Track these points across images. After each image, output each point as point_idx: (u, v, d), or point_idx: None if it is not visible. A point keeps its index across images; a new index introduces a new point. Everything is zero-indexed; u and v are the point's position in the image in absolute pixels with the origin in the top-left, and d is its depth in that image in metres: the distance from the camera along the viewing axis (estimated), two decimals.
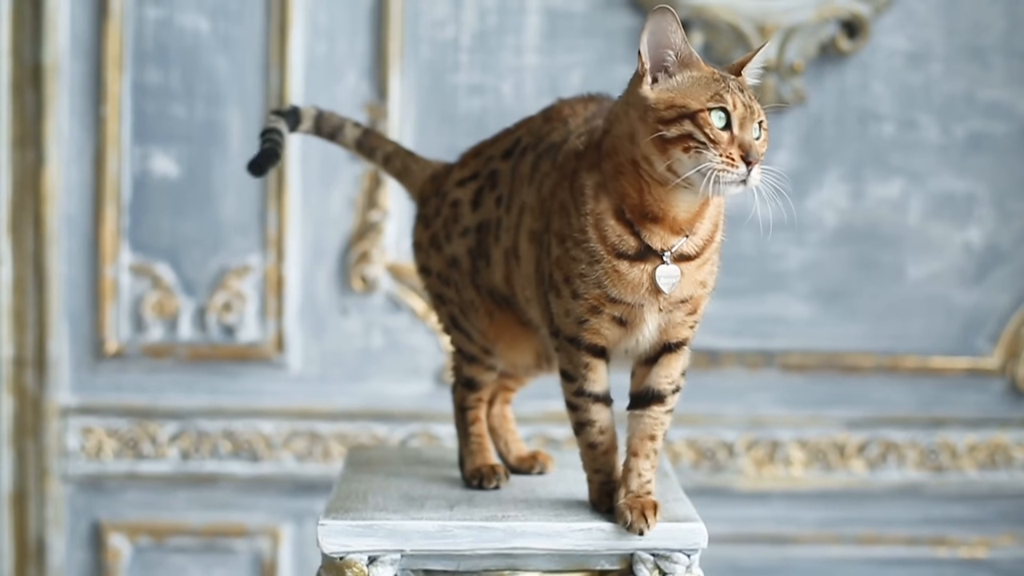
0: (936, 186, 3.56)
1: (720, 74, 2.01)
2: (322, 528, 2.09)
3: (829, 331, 3.57)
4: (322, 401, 3.55)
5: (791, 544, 3.60)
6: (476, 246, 2.27)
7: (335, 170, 3.50)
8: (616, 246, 2.03)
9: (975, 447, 3.60)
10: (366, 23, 3.49)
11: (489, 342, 2.30)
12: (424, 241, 2.36)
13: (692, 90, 1.99)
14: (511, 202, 2.22)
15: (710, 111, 1.97)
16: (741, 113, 1.97)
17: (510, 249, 2.21)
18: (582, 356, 2.11)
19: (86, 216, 3.50)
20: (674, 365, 2.13)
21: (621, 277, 2.03)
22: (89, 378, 3.54)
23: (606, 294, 2.05)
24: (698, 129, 1.96)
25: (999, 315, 3.59)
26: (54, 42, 3.46)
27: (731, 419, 3.58)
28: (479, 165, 2.31)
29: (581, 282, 2.05)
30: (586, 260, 2.04)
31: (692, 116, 1.97)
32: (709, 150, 1.95)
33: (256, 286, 3.53)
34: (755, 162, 1.95)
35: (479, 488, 2.28)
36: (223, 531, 3.55)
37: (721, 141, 1.96)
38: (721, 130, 1.96)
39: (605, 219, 2.04)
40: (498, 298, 2.27)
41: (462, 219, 2.29)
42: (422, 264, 2.37)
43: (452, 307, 2.32)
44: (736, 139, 1.96)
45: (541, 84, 3.49)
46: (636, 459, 2.11)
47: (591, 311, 2.07)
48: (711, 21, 3.45)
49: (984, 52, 3.54)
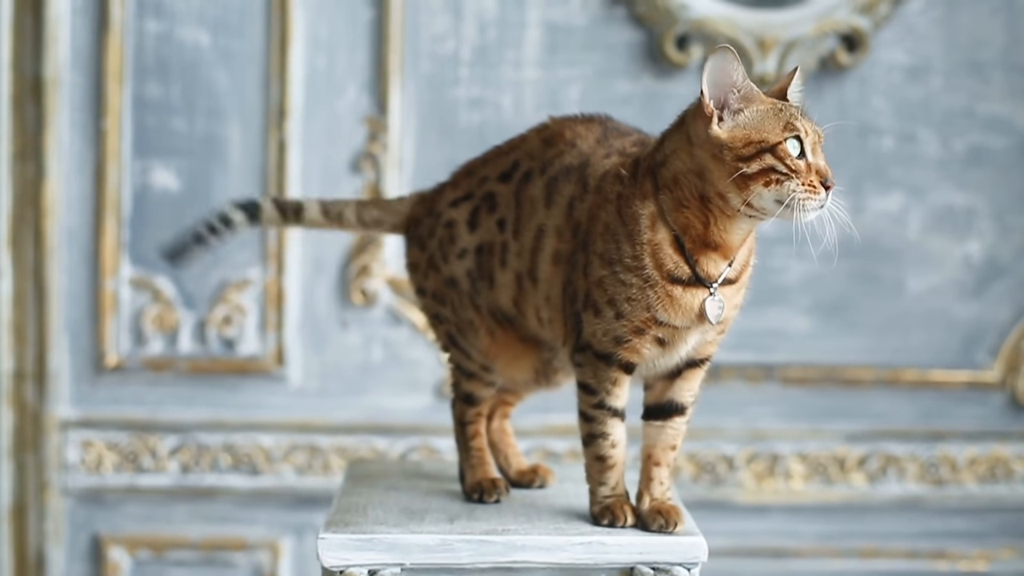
0: (936, 200, 3.57)
1: (782, 104, 2.05)
2: (322, 542, 2.09)
3: (829, 344, 3.57)
4: (322, 414, 3.55)
5: (791, 558, 3.59)
6: (476, 268, 2.28)
7: (335, 184, 3.50)
8: (671, 272, 2.07)
9: (975, 460, 3.60)
10: (366, 37, 3.50)
11: (488, 359, 2.31)
12: (420, 262, 2.36)
13: (765, 124, 2.03)
14: (520, 226, 2.23)
15: (786, 141, 2.01)
16: (812, 139, 2.03)
17: (524, 273, 2.22)
18: (611, 372, 2.13)
19: (86, 229, 3.51)
20: (697, 378, 2.19)
21: (674, 302, 2.07)
22: (89, 391, 3.54)
23: (654, 318, 2.08)
24: (779, 161, 2.01)
25: (999, 328, 3.59)
26: (55, 55, 3.46)
27: (731, 432, 3.58)
28: (472, 185, 2.32)
29: (629, 305, 2.08)
30: (638, 285, 2.07)
31: (772, 149, 2.01)
32: (792, 180, 2.00)
33: (256, 299, 3.53)
34: (832, 186, 2.02)
35: (480, 502, 2.28)
36: (223, 544, 3.55)
37: (800, 170, 2.01)
38: (797, 158, 2.01)
39: (663, 248, 2.07)
40: (500, 317, 2.28)
41: (459, 240, 2.30)
42: (418, 285, 2.38)
43: (449, 326, 2.33)
44: (812, 166, 2.02)
45: (541, 98, 3.50)
46: (659, 468, 2.17)
47: (635, 332, 2.09)
48: (711, 35, 3.46)
49: (983, 66, 3.54)
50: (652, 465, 2.17)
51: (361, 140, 3.51)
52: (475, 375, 2.33)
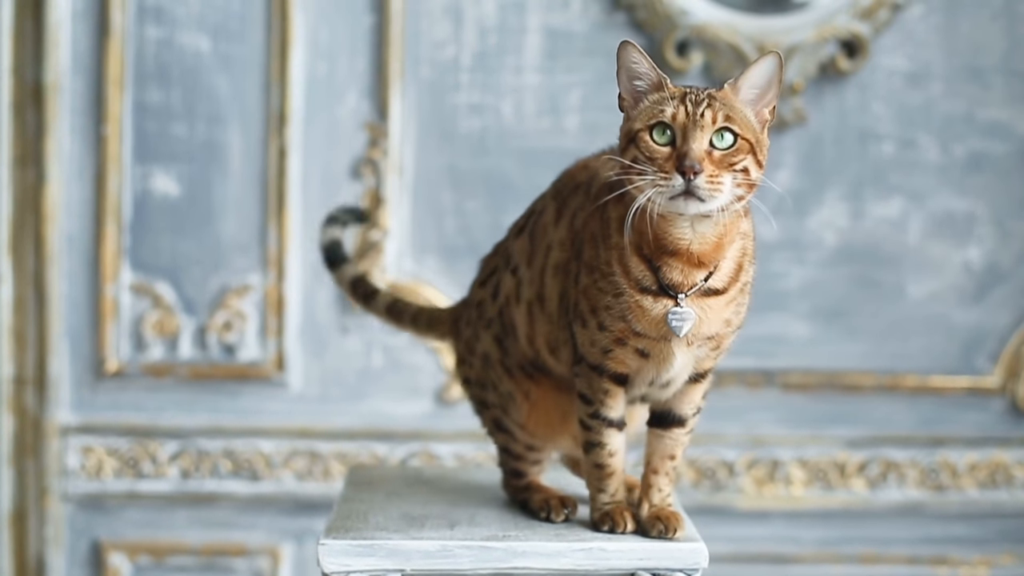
0: (936, 205, 3.57)
1: (685, 89, 1.98)
2: (322, 548, 2.09)
3: (829, 350, 3.57)
4: (322, 420, 3.55)
5: (792, 563, 3.59)
6: (501, 329, 2.27)
7: (335, 189, 3.50)
8: (639, 281, 2.02)
9: (976, 466, 3.60)
10: (367, 43, 3.50)
11: (531, 436, 2.29)
12: (462, 351, 2.37)
13: (642, 114, 1.98)
14: (534, 254, 2.21)
15: (651, 128, 1.95)
16: (683, 123, 1.94)
17: (534, 298, 2.21)
18: (603, 383, 2.12)
19: (87, 235, 3.51)
20: (697, 392, 2.17)
21: (645, 313, 2.02)
22: (89, 397, 3.54)
23: (631, 328, 2.04)
24: (639, 150, 1.95)
25: (999, 334, 3.59)
26: (55, 61, 3.47)
27: (731, 438, 3.58)
28: (496, 260, 2.33)
29: (607, 314, 2.05)
30: (611, 292, 2.04)
31: (634, 138, 1.97)
32: (648, 168, 1.93)
33: (256, 305, 3.53)
34: (690, 170, 1.91)
35: (547, 520, 2.24)
36: (223, 550, 3.55)
37: (658, 156, 1.94)
38: (664, 146, 1.94)
39: (627, 254, 2.02)
40: (529, 369, 2.26)
41: (486, 314, 2.30)
42: (464, 376, 2.37)
43: (495, 410, 2.31)
44: (676, 151, 1.93)
45: (541, 104, 3.50)
46: (656, 476, 2.16)
47: (616, 343, 2.07)
48: (711, 41, 3.46)
49: (984, 72, 3.54)
50: (651, 472, 2.17)
51: (361, 146, 3.51)
52: (522, 456, 2.32)
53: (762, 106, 2.00)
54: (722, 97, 1.97)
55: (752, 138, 1.96)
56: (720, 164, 1.93)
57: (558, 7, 3.50)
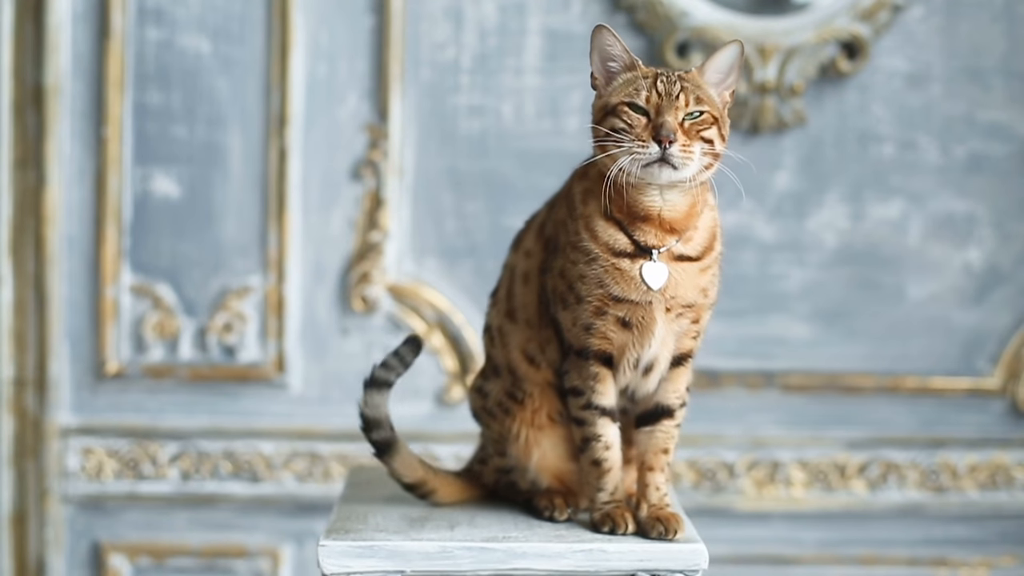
0: (936, 207, 3.57)
1: (647, 71, 2.14)
2: (323, 549, 2.09)
3: (830, 352, 3.57)
4: (322, 422, 3.54)
5: (792, 565, 3.59)
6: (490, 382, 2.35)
7: (336, 191, 3.51)
8: (609, 245, 2.11)
9: (976, 467, 3.60)
10: (367, 45, 3.50)
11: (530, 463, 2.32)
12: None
13: (619, 89, 2.13)
14: (500, 288, 2.35)
15: (628, 103, 2.09)
16: (656, 101, 2.08)
17: (504, 317, 2.30)
18: (590, 366, 2.15)
19: (87, 237, 3.51)
20: (681, 379, 2.20)
21: (623, 274, 2.11)
22: (89, 399, 3.54)
23: (609, 293, 2.12)
24: (618, 119, 2.09)
25: (999, 335, 3.59)
26: (55, 63, 3.47)
27: (732, 440, 3.58)
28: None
29: (583, 284, 2.12)
30: (583, 259, 2.12)
31: (613, 110, 2.10)
32: (626, 136, 2.07)
33: (257, 307, 3.53)
34: (666, 139, 2.06)
35: (550, 520, 2.26)
36: (223, 552, 3.55)
37: (636, 125, 2.08)
38: (638, 116, 2.09)
39: (594, 219, 2.13)
40: (515, 398, 2.29)
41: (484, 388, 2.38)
42: None
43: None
44: (651, 123, 2.08)
45: (542, 105, 3.50)
46: (652, 473, 2.19)
47: (596, 313, 2.13)
48: (711, 43, 3.46)
49: (984, 73, 3.54)
50: (647, 471, 2.19)
51: (362, 147, 3.51)
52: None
53: (723, 89, 2.17)
54: (691, 78, 2.14)
55: (717, 113, 2.13)
56: (690, 134, 2.09)
57: (558, 9, 3.50)
